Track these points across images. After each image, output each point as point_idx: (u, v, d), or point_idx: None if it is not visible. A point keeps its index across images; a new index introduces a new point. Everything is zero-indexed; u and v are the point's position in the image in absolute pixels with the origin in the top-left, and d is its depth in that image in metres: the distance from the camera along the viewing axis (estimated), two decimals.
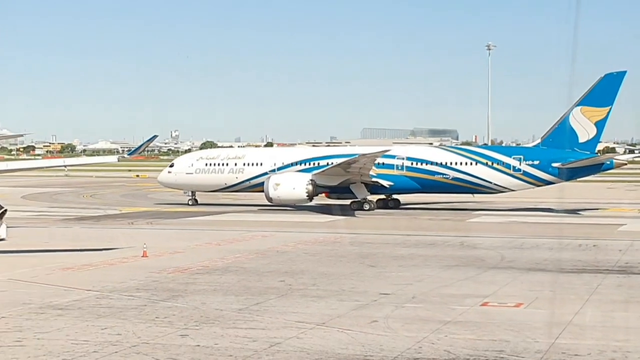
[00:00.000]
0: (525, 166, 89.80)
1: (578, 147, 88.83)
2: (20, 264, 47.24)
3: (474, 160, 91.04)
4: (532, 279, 42.58)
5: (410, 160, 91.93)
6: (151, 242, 54.63)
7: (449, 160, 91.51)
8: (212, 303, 35.10)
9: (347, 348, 27.24)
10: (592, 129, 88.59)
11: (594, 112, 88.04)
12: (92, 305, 34.59)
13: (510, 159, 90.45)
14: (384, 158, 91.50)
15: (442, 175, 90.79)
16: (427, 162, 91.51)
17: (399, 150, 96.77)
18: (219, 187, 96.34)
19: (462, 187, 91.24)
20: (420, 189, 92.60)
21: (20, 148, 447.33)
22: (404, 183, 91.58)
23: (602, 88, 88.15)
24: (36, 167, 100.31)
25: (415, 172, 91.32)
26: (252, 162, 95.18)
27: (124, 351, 26.62)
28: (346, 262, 48.83)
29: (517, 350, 27.11)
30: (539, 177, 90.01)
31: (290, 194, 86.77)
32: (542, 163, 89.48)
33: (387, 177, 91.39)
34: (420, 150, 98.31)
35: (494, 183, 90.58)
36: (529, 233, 66.18)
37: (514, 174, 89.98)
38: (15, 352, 26.45)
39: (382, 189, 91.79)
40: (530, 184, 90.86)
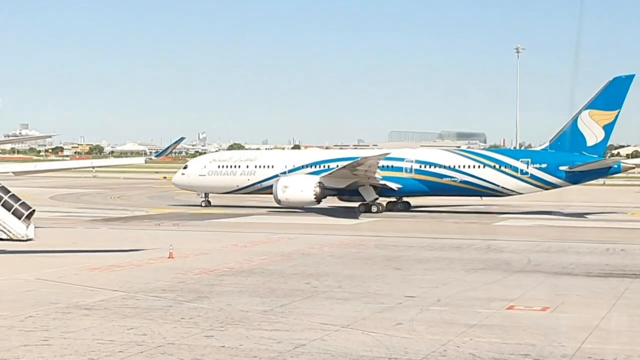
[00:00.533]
0: (532, 169, 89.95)
1: (586, 151, 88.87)
2: (48, 264, 47.57)
3: (481, 164, 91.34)
4: (559, 282, 42.39)
5: (419, 163, 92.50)
6: (177, 244, 54.83)
7: (457, 164, 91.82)
8: (237, 304, 35.19)
9: (372, 350, 27.22)
10: (600, 133, 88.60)
11: (603, 115, 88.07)
12: (118, 305, 34.77)
13: (518, 162, 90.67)
14: (393, 161, 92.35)
15: (450, 178, 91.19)
16: (436, 165, 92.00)
17: (408, 153, 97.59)
18: (231, 189, 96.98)
19: (470, 190, 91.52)
20: (428, 191, 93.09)
21: (49, 149, 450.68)
22: (413, 186, 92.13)
23: (611, 91, 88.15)
24: (64, 168, 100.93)
25: (423, 175, 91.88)
26: (264, 165, 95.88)
27: (149, 351, 26.74)
28: (371, 264, 48.81)
29: (543, 354, 26.98)
30: (547, 180, 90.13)
31: (298, 196, 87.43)
32: (550, 166, 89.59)
33: (396, 179, 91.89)
34: (429, 153, 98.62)
35: (502, 186, 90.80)
36: (555, 237, 65.86)
37: (522, 177, 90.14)
38: (42, 351, 26.64)
39: (390, 192, 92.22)
40: (537, 187, 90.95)
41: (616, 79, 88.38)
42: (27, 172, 64.53)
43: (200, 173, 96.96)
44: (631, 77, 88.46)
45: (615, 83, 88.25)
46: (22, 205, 59.03)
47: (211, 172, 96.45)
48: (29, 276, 42.76)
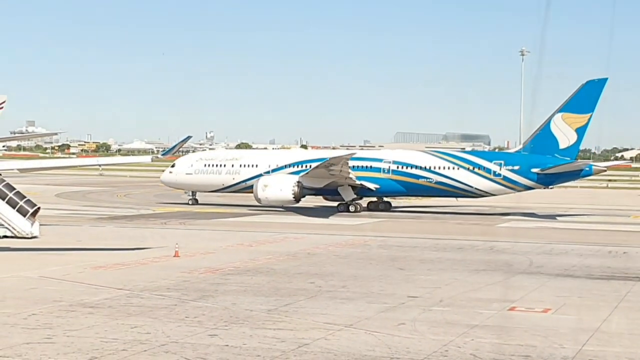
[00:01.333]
0: (505, 171, 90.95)
1: (559, 153, 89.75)
2: (52, 262, 47.79)
3: (456, 165, 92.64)
4: (561, 284, 42.54)
5: (396, 164, 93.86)
6: (183, 243, 55.05)
7: (433, 165, 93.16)
8: (242, 303, 35.38)
9: (374, 350, 27.41)
10: (572, 136, 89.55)
11: (575, 118, 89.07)
12: (122, 304, 34.96)
13: (491, 164, 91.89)
14: (372, 161, 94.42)
15: (425, 179, 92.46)
16: (412, 166, 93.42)
17: (386, 154, 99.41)
18: (217, 187, 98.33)
19: (445, 190, 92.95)
20: (405, 192, 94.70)
21: (55, 146, 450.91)
22: (390, 186, 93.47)
23: (584, 95, 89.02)
24: (70, 166, 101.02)
25: (400, 175, 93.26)
26: (248, 164, 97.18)
27: (152, 350, 26.93)
28: (375, 264, 49.00)
29: (543, 355, 27.14)
30: (519, 182, 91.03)
31: (278, 195, 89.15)
32: (522, 168, 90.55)
33: (374, 180, 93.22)
34: (407, 154, 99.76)
35: (475, 187, 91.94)
36: (558, 239, 65.98)
37: (495, 178, 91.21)
38: (45, 348, 26.84)
39: (368, 192, 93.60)
40: (510, 188, 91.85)
41: (589, 82, 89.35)
42: (33, 169, 64.85)
43: (187, 172, 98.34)
44: (604, 81, 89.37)
45: (588, 86, 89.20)
46: (27, 203, 59.19)
47: (198, 170, 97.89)
48: (33, 274, 42.97)
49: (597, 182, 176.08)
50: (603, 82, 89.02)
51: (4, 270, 44.17)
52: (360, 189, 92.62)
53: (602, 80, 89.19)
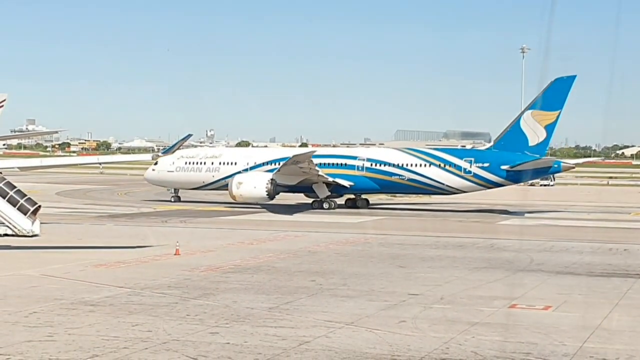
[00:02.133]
0: (475, 168, 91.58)
1: (528, 150, 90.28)
2: (53, 260, 47.84)
3: (427, 162, 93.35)
4: (561, 282, 42.54)
5: (370, 162, 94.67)
6: (184, 241, 55.07)
7: (405, 162, 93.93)
8: (243, 301, 35.40)
9: (375, 347, 27.42)
10: (542, 133, 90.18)
11: (544, 115, 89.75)
12: (123, 302, 34.98)
13: (462, 161, 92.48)
14: (346, 159, 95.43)
15: (398, 177, 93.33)
16: (385, 164, 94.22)
17: (361, 151, 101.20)
18: (197, 185, 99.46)
19: (417, 187, 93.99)
20: (379, 189, 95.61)
21: (56, 145, 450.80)
22: (364, 183, 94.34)
23: (552, 92, 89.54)
24: (71, 164, 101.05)
25: (374, 173, 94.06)
26: (227, 162, 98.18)
27: (154, 347, 26.95)
28: (376, 262, 49.02)
29: (544, 353, 27.15)
30: (488, 179, 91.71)
31: (251, 192, 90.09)
32: (492, 165, 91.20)
33: (348, 177, 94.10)
34: (381, 152, 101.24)
35: (446, 184, 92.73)
36: (559, 236, 65.99)
37: (465, 175, 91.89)
38: (46, 347, 26.85)
39: (343, 189, 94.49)
40: (480, 185, 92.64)
41: (557, 79, 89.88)
42: (33, 167, 64.75)
43: (169, 169, 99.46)
44: (572, 78, 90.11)
45: (557, 84, 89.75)
46: (28, 201, 59.10)
47: (179, 168, 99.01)
48: (34, 272, 43.00)
49: (597, 180, 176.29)
50: (571, 80, 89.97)
51: (5, 268, 44.23)
52: (335, 187, 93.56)
53: (570, 77, 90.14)
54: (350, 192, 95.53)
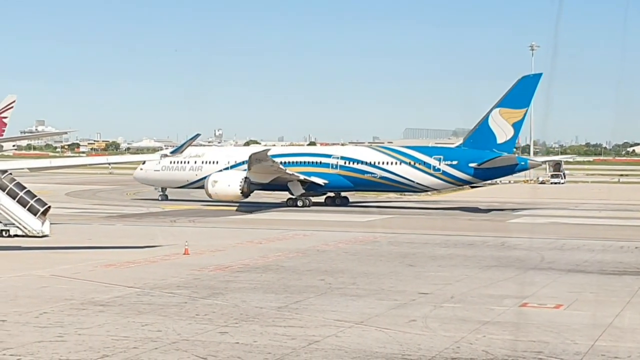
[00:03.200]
0: (444, 166, 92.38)
1: (496, 148, 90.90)
2: (63, 261, 47.83)
3: (399, 160, 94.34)
4: (573, 280, 42.37)
5: (344, 160, 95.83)
6: (193, 240, 54.98)
7: (377, 160, 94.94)
8: (252, 301, 35.31)
9: (385, 347, 27.30)
10: (509, 130, 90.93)
11: (512, 113, 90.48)
12: (133, 302, 34.94)
13: (431, 159, 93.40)
14: (321, 157, 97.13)
15: (371, 175, 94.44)
16: (359, 162, 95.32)
17: (335, 150, 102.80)
18: (182, 184, 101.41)
19: (389, 185, 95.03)
20: (353, 187, 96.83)
21: (65, 145, 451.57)
22: (338, 181, 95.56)
23: (519, 90, 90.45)
24: (80, 165, 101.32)
25: (347, 171, 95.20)
26: (210, 161, 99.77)
27: (163, 347, 26.89)
28: (385, 261, 48.88)
29: (555, 351, 27.00)
30: (457, 176, 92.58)
31: (226, 190, 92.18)
32: (460, 163, 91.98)
33: (323, 175, 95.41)
34: (354, 150, 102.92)
35: (417, 182, 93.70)
36: (570, 234, 65.77)
37: (434, 173, 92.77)
38: (56, 347, 26.81)
39: (318, 187, 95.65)
40: (449, 183, 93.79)
41: (524, 77, 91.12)
42: (43, 168, 64.77)
43: (155, 168, 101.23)
44: (539, 76, 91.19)
45: (524, 82, 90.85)
46: (38, 202, 59.31)
47: (164, 167, 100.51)
48: (44, 272, 42.99)
49: (608, 177, 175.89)
50: (538, 78, 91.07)
51: (16, 269, 44.24)
52: (310, 185, 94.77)
53: (537, 75, 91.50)
54: (324, 190, 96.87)
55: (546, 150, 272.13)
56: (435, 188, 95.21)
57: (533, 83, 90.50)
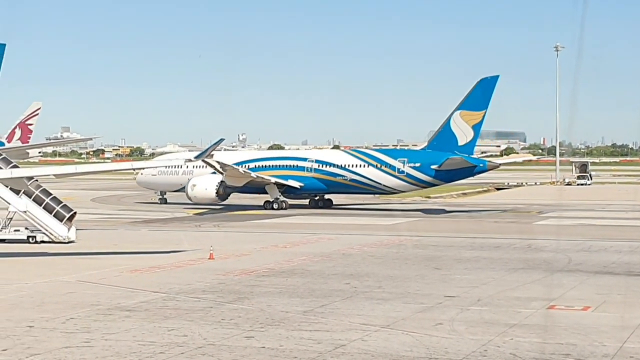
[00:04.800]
0: (408, 168, 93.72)
1: (458, 150, 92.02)
2: (89, 266, 48.01)
3: (366, 163, 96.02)
4: (600, 282, 42.05)
5: (318, 163, 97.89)
6: (218, 245, 55.07)
7: (347, 163, 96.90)
8: (277, 305, 35.27)
9: (412, 350, 27.18)
10: (469, 133, 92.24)
11: (472, 115, 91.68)
12: (159, 307, 34.98)
13: (396, 161, 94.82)
14: (297, 161, 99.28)
15: (341, 177, 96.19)
16: (331, 165, 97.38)
17: (311, 153, 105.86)
18: (176, 187, 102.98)
19: (358, 187, 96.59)
20: (326, 189, 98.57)
21: (90, 151, 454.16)
22: (313, 184, 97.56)
23: (478, 92, 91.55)
24: (105, 171, 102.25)
25: (321, 174, 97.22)
26: (199, 165, 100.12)
27: (190, 352, 26.89)
28: (411, 264, 48.72)
29: (583, 354, 26.79)
30: (420, 178, 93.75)
31: (203, 193, 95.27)
32: (423, 165, 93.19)
33: (298, 178, 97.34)
34: (328, 153, 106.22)
35: (383, 184, 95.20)
36: (597, 236, 65.36)
37: (399, 175, 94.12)
38: (84, 352, 26.88)
39: (294, 190, 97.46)
40: (413, 185, 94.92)
41: (482, 80, 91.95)
42: (68, 174, 65.01)
43: (153, 173, 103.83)
44: (496, 78, 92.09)
45: (482, 84, 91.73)
46: (64, 208, 59.62)
47: (160, 171, 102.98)
48: (71, 278, 43.16)
49: (635, 178, 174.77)
50: (495, 80, 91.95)
51: (42, 275, 44.43)
52: (287, 187, 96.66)
53: (494, 77, 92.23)
54: (301, 192, 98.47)
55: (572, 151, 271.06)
56: (400, 190, 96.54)
57: (491, 85, 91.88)
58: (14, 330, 30.05)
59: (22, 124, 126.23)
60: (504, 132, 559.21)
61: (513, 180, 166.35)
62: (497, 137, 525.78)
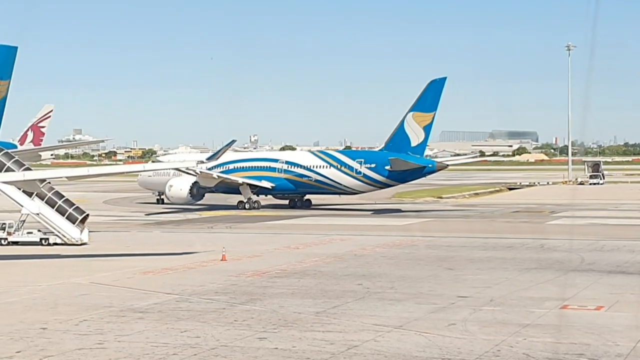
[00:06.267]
0: (364, 169, 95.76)
1: (411, 151, 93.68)
2: (102, 268, 48.11)
3: (328, 164, 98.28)
4: (613, 281, 41.91)
5: (287, 164, 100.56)
6: (230, 246, 55.11)
7: (313, 164, 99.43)
8: (290, 306, 35.27)
9: (425, 351, 27.15)
10: (421, 134, 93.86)
11: (423, 117, 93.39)
12: (171, 308, 35.03)
13: (354, 162, 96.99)
14: (270, 162, 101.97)
15: (307, 178, 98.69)
16: (298, 166, 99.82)
17: (282, 155, 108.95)
18: None
19: (322, 187, 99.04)
20: (295, 189, 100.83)
21: (102, 154, 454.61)
22: (283, 185, 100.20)
23: (429, 94, 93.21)
24: (117, 173, 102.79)
25: (290, 174, 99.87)
26: None
27: (203, 354, 26.92)
28: (424, 265, 48.66)
29: (597, 353, 26.73)
30: (375, 179, 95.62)
31: (179, 194, 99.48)
32: (378, 166, 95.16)
33: (270, 179, 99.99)
34: (296, 155, 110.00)
35: (343, 185, 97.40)
36: (609, 235, 65.13)
37: (356, 176, 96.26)
38: (97, 354, 26.94)
39: (266, 190, 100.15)
40: (369, 185, 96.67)
41: (433, 82, 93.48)
42: (81, 176, 65.30)
43: (149, 174, 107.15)
44: (444, 80, 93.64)
45: (432, 86, 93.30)
46: (76, 210, 59.76)
47: (155, 173, 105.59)
48: (84, 280, 43.26)
49: None
50: (443, 81, 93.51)
51: (55, 277, 44.55)
52: (260, 188, 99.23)
53: (442, 79, 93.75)
54: (273, 193, 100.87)
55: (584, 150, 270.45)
56: (358, 190, 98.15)
57: (439, 87, 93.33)
58: (27, 332, 30.15)
59: (34, 126, 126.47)
60: (516, 132, 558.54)
61: (525, 180, 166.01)
62: (510, 137, 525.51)
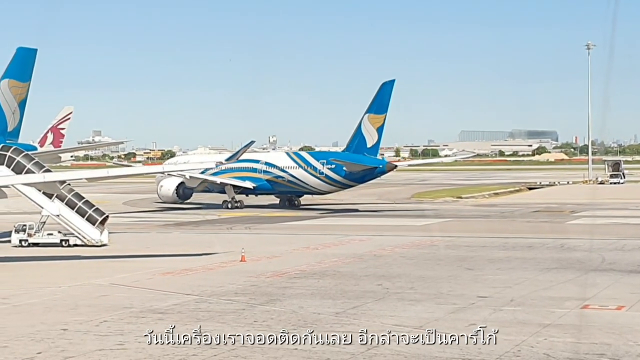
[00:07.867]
0: (326, 170, 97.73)
1: (367, 152, 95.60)
2: (122, 269, 48.24)
3: (297, 164, 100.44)
4: (635, 281, 41.70)
5: (266, 165, 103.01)
6: (249, 247, 55.15)
7: (285, 165, 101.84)
8: (309, 307, 35.26)
9: (445, 351, 27.07)
10: (375, 135, 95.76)
11: (376, 119, 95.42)
12: (191, 309, 35.09)
13: (318, 163, 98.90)
14: (252, 163, 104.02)
15: (282, 178, 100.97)
16: (274, 167, 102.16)
17: (263, 156, 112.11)
18: None
19: (294, 188, 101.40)
20: (272, 189, 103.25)
21: (122, 155, 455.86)
22: (263, 185, 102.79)
23: (381, 96, 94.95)
24: (136, 174, 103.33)
25: (268, 175, 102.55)
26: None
27: (222, 354, 26.94)
28: (443, 265, 48.54)
29: (618, 353, 26.59)
30: (335, 179, 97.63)
31: (167, 193, 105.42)
32: (337, 167, 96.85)
33: (252, 179, 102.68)
34: (273, 156, 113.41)
35: (309, 185, 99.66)
36: (630, 234, 64.81)
37: (319, 176, 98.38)
38: (117, 355, 27.02)
39: (248, 191, 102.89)
40: (331, 185, 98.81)
41: (385, 84, 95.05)
42: (100, 178, 65.52)
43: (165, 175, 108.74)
44: (392, 82, 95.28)
45: (384, 88, 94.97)
46: (96, 211, 59.96)
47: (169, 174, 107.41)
48: (104, 281, 43.40)
49: None
50: (392, 83, 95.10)
51: (76, 278, 44.71)
52: (244, 188, 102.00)
53: (392, 81, 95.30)
54: (254, 193, 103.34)
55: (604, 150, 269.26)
56: (321, 190, 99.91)
57: (389, 89, 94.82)
58: (48, 333, 30.28)
59: (54, 128, 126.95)
60: (536, 131, 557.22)
61: (545, 179, 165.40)
62: (529, 137, 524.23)
